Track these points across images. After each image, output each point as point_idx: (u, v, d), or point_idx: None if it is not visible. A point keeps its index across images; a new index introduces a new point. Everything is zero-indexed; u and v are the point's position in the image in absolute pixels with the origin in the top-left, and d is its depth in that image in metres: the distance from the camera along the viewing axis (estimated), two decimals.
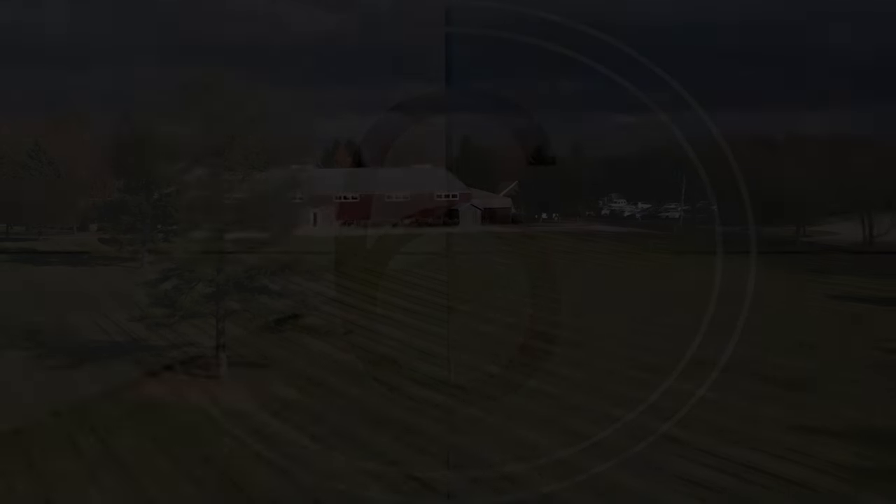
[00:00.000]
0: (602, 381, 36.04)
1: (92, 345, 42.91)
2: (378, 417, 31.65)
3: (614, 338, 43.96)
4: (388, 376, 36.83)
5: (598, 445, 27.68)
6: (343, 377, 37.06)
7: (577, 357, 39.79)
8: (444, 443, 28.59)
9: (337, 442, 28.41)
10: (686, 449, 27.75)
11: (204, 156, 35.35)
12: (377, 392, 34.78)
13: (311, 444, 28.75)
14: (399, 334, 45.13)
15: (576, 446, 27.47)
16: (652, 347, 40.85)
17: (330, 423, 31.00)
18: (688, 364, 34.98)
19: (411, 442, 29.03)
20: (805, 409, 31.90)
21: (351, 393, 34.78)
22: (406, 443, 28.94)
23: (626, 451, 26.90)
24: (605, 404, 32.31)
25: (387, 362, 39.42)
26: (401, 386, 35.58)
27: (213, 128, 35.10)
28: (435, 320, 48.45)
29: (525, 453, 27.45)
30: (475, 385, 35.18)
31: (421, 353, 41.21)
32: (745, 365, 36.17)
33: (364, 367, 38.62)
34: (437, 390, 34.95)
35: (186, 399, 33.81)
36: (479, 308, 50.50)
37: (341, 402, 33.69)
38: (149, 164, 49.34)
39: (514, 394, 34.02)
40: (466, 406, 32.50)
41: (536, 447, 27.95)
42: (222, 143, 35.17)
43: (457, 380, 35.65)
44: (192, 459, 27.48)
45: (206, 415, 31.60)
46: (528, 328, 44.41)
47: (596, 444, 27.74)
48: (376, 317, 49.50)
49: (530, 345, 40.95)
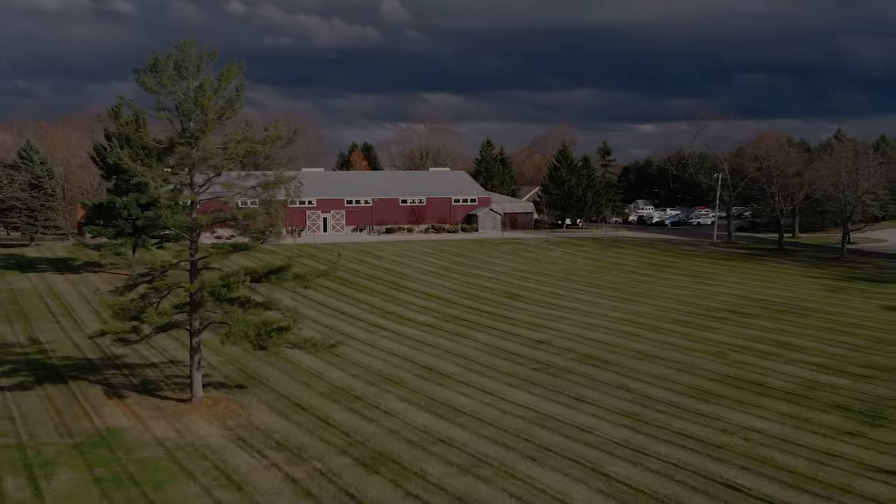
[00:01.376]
0: None
1: (58, 361, 38.02)
2: (375, 458, 26.19)
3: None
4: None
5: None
6: (333, 401, 31.74)
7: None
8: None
9: (329, 500, 22.98)
10: None
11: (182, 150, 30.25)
12: (373, 420, 29.42)
13: (295, 498, 23.34)
14: (396, 347, 39.82)
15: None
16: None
17: (318, 463, 25.60)
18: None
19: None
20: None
21: (343, 421, 29.40)
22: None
23: None
24: None
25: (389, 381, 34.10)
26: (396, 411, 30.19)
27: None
28: (453, 335, 43.18)
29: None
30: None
31: (427, 370, 35.86)
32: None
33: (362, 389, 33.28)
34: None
35: (148, 429, 28.61)
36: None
37: (329, 434, 28.28)
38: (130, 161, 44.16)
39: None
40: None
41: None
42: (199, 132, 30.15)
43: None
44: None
45: (166, 451, 26.34)
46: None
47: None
48: (374, 328, 44.27)
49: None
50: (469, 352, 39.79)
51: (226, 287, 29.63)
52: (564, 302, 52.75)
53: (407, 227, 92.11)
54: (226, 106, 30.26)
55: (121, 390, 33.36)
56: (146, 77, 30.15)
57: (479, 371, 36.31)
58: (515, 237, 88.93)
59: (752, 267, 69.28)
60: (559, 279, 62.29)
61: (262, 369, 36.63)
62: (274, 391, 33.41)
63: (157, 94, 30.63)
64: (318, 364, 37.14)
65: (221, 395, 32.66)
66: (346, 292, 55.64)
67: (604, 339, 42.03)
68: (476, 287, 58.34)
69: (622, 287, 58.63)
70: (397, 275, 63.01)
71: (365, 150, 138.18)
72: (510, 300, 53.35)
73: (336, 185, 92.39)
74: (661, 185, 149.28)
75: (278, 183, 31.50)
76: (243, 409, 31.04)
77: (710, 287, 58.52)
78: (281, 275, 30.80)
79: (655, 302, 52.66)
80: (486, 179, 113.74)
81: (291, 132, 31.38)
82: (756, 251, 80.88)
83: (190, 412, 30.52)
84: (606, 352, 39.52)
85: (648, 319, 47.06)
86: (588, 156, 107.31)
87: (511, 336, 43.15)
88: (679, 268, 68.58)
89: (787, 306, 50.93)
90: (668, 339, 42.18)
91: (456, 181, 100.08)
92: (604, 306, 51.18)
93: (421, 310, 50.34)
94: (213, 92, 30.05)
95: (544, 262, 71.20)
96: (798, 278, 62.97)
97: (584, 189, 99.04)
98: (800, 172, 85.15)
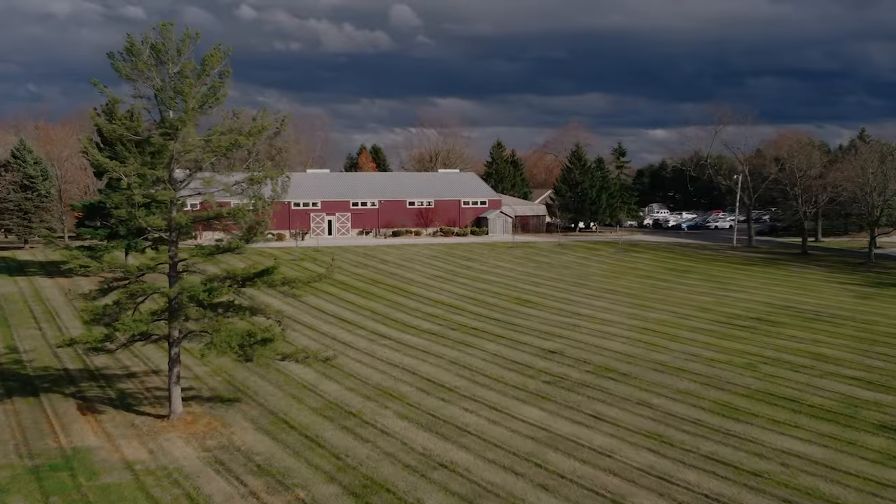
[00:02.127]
0: None
1: (33, 371, 35.32)
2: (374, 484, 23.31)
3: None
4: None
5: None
6: (325, 418, 28.87)
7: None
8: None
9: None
10: None
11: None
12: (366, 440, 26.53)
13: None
14: (398, 357, 36.85)
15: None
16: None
17: (302, 492, 22.75)
18: None
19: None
20: None
21: (334, 441, 26.53)
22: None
23: None
24: None
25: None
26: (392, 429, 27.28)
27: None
28: (452, 341, 40.22)
29: None
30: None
31: (428, 381, 32.90)
32: None
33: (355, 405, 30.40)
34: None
35: (118, 449, 25.82)
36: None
37: (317, 457, 25.42)
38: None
39: None
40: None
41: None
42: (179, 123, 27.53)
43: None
44: None
45: (133, 476, 23.53)
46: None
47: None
48: (375, 336, 41.33)
49: None
50: (475, 362, 36.84)
51: (207, 292, 26.81)
52: (578, 309, 49.71)
53: (414, 231, 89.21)
54: (208, 94, 27.49)
55: (95, 404, 30.60)
56: (120, 63, 27.52)
57: (485, 384, 33.36)
58: (527, 241, 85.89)
59: (775, 272, 66.00)
60: (572, 284, 59.24)
61: (252, 381, 33.82)
62: (261, 406, 30.57)
63: (134, 81, 28.00)
64: (312, 375, 34.27)
65: (203, 411, 29.84)
66: (348, 298, 52.77)
67: (621, 350, 38.99)
68: (485, 293, 55.37)
69: (639, 293, 55.52)
70: (402, 280, 60.10)
71: (374, 152, 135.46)
72: (520, 306, 50.36)
73: (341, 187, 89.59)
74: (676, 189, 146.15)
75: (265, 177, 28.74)
76: (226, 426, 28.20)
77: (732, 293, 55.33)
78: (267, 278, 27.91)
79: (675, 309, 49.53)
80: (496, 182, 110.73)
81: (278, 122, 28.58)
82: (778, 255, 77.53)
83: (166, 430, 27.72)
84: (624, 363, 36.49)
85: (669, 328, 43.97)
86: (602, 157, 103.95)
87: (521, 345, 40.18)
88: (699, 273, 65.37)
89: (818, 314, 47.69)
90: (691, 349, 39.10)
91: (465, 183, 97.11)
92: (620, 313, 48.11)
93: (426, 317, 47.42)
94: (194, 77, 27.34)
95: (557, 267, 68.17)
96: (825, 284, 59.65)
97: (599, 191, 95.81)
98: (823, 174, 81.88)
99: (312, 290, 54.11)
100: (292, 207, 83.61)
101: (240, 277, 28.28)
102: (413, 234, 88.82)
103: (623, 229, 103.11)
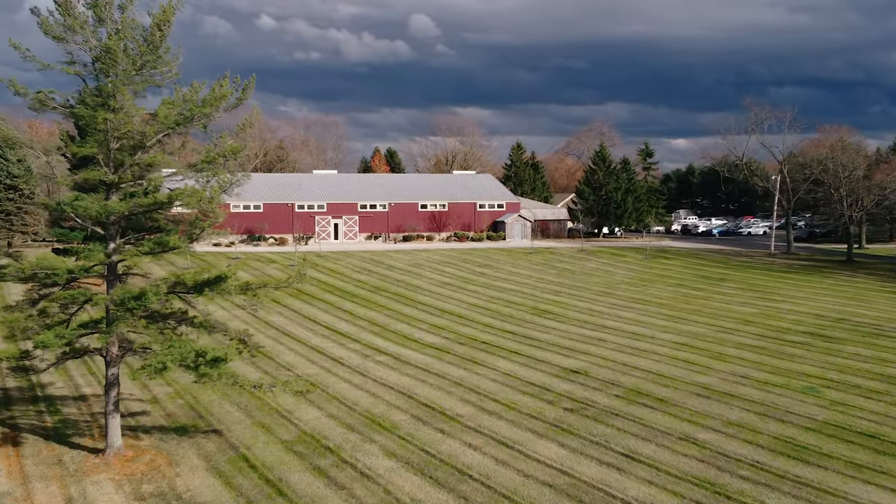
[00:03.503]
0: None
1: None
2: None
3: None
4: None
5: None
6: (295, 454, 23.45)
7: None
8: None
9: None
10: None
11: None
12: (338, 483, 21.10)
13: None
14: (394, 377, 31.36)
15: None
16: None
17: None
18: None
19: None
20: None
21: (300, 488, 21.12)
22: None
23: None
24: None
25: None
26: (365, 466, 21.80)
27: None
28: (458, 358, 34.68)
29: None
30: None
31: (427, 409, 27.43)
32: None
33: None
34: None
35: (29, 496, 20.58)
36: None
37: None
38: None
39: None
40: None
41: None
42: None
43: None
44: None
45: None
46: None
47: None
48: (371, 351, 35.83)
49: None
50: (484, 384, 31.27)
51: (135, 298, 21.55)
52: (604, 321, 43.99)
53: (426, 235, 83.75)
54: (147, 50, 22.24)
55: (22, 435, 25.42)
56: (48, 21, 22.43)
57: (494, 411, 27.78)
58: (547, 246, 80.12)
59: (820, 281, 59.85)
60: (597, 293, 53.50)
61: (217, 405, 28.53)
62: (222, 437, 25.23)
63: (66, 43, 22.92)
64: (290, 399, 28.79)
65: (150, 444, 24.55)
66: (345, 307, 47.37)
67: (656, 369, 33.26)
68: (499, 302, 49.77)
69: (672, 303, 49.67)
70: (408, 287, 54.61)
71: (388, 155, 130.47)
72: (539, 318, 44.72)
73: (349, 189, 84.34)
74: (704, 195, 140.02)
75: (229, 153, 23.57)
76: (172, 465, 22.87)
77: (776, 304, 49.31)
78: (218, 286, 22.56)
79: (714, 321, 43.67)
80: (515, 185, 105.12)
81: (240, 89, 23.31)
82: (821, 263, 71.23)
83: (97, 469, 22.44)
84: (660, 386, 30.77)
85: (709, 343, 38.18)
86: (627, 158, 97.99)
87: (538, 363, 34.57)
88: (736, 281, 59.34)
89: (879, 328, 41.63)
90: (738, 368, 33.30)
91: (482, 185, 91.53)
92: (652, 326, 42.34)
93: (431, 328, 41.93)
94: (131, 30, 22.18)
95: (579, 274, 62.42)
96: (879, 294, 53.46)
97: (624, 194, 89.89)
98: (868, 175, 75.69)
99: (307, 298, 48.86)
100: (296, 210, 78.49)
101: (184, 284, 22.95)
102: (425, 238, 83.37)
103: (650, 235, 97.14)
